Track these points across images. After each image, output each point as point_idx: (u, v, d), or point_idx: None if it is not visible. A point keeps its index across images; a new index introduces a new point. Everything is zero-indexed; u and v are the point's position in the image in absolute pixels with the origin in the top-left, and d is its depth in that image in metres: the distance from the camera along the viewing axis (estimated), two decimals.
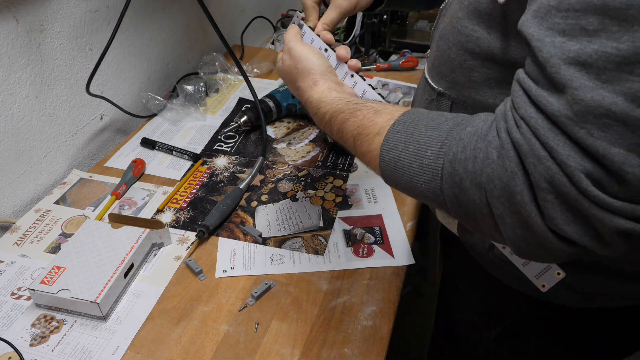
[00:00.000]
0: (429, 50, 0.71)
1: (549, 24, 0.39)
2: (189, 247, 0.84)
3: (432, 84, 0.65)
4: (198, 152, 1.07)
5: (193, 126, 1.16)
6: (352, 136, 0.56)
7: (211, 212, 0.88)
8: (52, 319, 0.73)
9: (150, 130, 1.15)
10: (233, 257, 0.83)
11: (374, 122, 0.53)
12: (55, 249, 0.84)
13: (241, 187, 0.95)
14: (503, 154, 0.41)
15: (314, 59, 0.68)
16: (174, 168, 1.04)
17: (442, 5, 0.69)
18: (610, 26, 0.36)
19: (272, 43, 1.49)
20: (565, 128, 0.38)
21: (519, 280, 0.63)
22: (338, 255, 0.83)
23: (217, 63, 1.32)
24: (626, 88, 0.36)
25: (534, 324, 0.70)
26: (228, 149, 1.08)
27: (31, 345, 0.70)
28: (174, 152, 1.07)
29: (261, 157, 1.03)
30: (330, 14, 0.79)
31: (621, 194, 0.38)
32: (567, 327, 0.68)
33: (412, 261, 0.82)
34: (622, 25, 0.35)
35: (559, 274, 0.61)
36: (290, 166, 1.03)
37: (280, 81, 1.34)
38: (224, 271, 0.81)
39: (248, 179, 0.97)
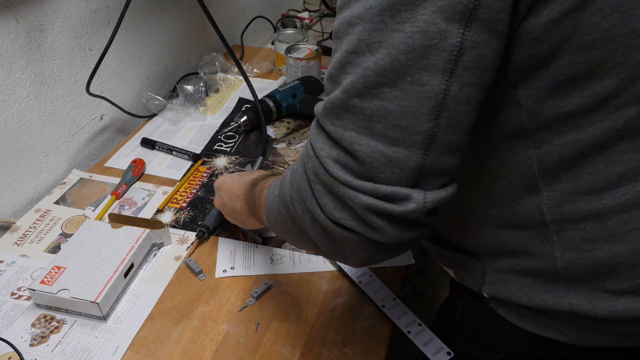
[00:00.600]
0: None
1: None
2: (189, 247, 0.84)
3: None
4: (198, 152, 1.07)
5: (193, 126, 1.16)
6: (261, 201, 0.65)
7: (211, 212, 0.88)
8: (52, 319, 0.73)
9: (150, 130, 1.15)
10: (233, 257, 0.83)
11: (261, 199, 0.64)
12: (55, 249, 0.85)
13: None
14: (297, 164, 0.52)
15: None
16: (174, 168, 1.04)
17: None
18: (336, 43, 0.46)
19: (272, 43, 1.49)
20: (321, 123, 0.47)
21: (519, 315, 0.61)
22: None
23: (217, 63, 1.32)
24: (343, 84, 0.44)
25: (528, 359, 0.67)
26: (228, 149, 1.08)
27: (31, 345, 0.70)
28: (174, 152, 1.07)
29: (261, 157, 1.03)
30: None
31: (365, 173, 0.44)
32: None
33: (412, 261, 0.82)
34: (337, 40, 0.46)
35: (449, 353, 0.69)
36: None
37: (280, 81, 1.34)
38: (224, 271, 0.81)
39: None
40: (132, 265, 0.78)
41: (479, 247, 0.62)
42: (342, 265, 0.80)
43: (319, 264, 0.81)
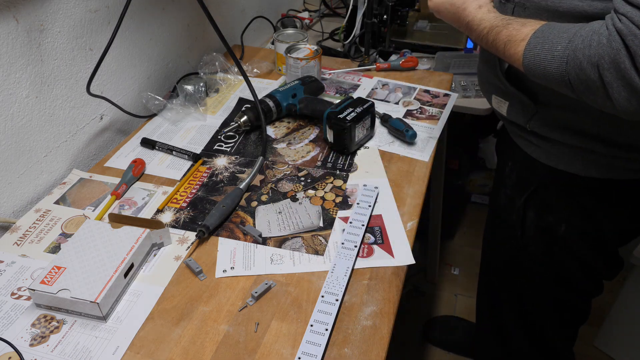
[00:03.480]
0: None
1: None
2: (189, 247, 0.84)
3: None
4: (198, 152, 1.07)
5: (193, 126, 1.16)
6: (503, 43, 0.73)
7: (211, 212, 0.88)
8: (52, 319, 0.73)
9: (150, 130, 1.15)
10: (233, 257, 0.83)
11: (521, 31, 0.71)
12: (55, 249, 0.85)
13: (241, 187, 0.95)
14: (610, 38, 0.60)
15: None
16: (174, 168, 1.04)
17: None
18: None
19: (272, 43, 1.49)
20: None
21: (547, 154, 0.89)
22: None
23: (217, 63, 1.32)
24: None
25: (553, 189, 0.92)
26: (228, 149, 1.08)
27: (31, 345, 0.70)
28: (174, 152, 1.07)
29: (261, 157, 1.03)
30: None
31: None
32: (579, 194, 0.90)
33: (412, 261, 0.82)
34: None
35: None
36: (290, 166, 1.03)
37: (280, 81, 1.35)
38: (224, 271, 0.81)
39: (248, 179, 0.97)
40: (132, 265, 0.78)
41: (541, 94, 0.85)
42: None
43: (319, 264, 0.81)
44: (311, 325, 0.72)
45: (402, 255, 0.83)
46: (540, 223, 0.96)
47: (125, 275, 0.76)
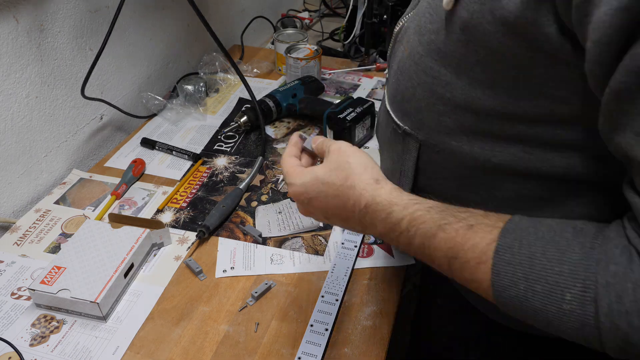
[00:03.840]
0: (386, 72, 0.65)
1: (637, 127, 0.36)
2: (189, 247, 0.84)
3: (396, 119, 0.60)
4: (198, 152, 1.07)
5: (193, 126, 1.16)
6: (446, 258, 0.46)
7: (211, 213, 0.88)
8: (52, 319, 0.73)
9: (150, 130, 1.15)
10: (233, 257, 0.83)
11: (471, 242, 0.44)
12: (55, 249, 0.84)
13: (241, 187, 0.95)
14: None
15: (358, 155, 0.54)
16: (174, 168, 1.04)
17: (396, 28, 0.64)
18: None
19: (272, 43, 1.49)
20: None
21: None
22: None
23: (217, 63, 1.32)
24: None
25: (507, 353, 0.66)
26: (228, 149, 1.08)
27: (31, 345, 0.70)
28: (174, 152, 1.07)
29: (261, 157, 1.03)
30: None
31: None
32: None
33: (412, 261, 0.82)
34: None
35: None
36: None
37: (280, 81, 1.35)
38: (224, 271, 0.81)
39: (248, 179, 0.97)
40: (132, 265, 0.78)
41: None
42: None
43: (319, 264, 0.81)
44: (311, 325, 0.72)
45: (402, 255, 0.83)
46: None
47: (125, 275, 0.76)
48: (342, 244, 0.84)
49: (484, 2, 0.43)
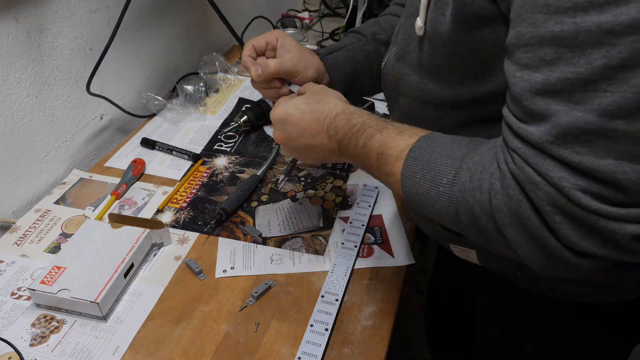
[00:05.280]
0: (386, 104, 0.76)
1: (514, 59, 0.43)
2: (206, 230, 0.84)
3: None
4: (198, 152, 1.07)
5: (193, 126, 1.16)
6: (376, 154, 0.57)
7: (229, 197, 0.91)
8: (52, 319, 0.73)
9: (150, 130, 1.15)
10: (233, 257, 0.83)
11: (397, 142, 0.55)
12: (55, 249, 0.84)
13: (258, 173, 0.97)
14: (505, 184, 0.44)
15: (332, 90, 0.70)
16: (174, 168, 1.04)
17: (382, 64, 0.72)
18: (565, 54, 0.39)
19: None
20: (550, 152, 0.41)
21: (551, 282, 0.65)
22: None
23: (217, 63, 1.32)
24: (596, 105, 0.38)
25: (550, 324, 0.71)
26: (228, 149, 1.08)
27: (31, 345, 0.70)
28: (174, 152, 1.07)
29: (278, 145, 1.01)
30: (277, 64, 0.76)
31: (627, 201, 0.39)
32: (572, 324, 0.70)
33: (412, 261, 0.82)
34: (575, 51, 0.38)
35: None
36: None
37: None
38: (224, 271, 0.81)
39: (265, 166, 1.00)
40: (132, 265, 0.78)
41: None
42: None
43: (319, 264, 0.81)
44: (311, 325, 0.72)
45: (402, 255, 0.83)
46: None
47: (125, 275, 0.76)
48: (342, 243, 0.84)
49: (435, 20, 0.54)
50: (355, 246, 0.83)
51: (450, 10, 0.51)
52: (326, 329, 0.71)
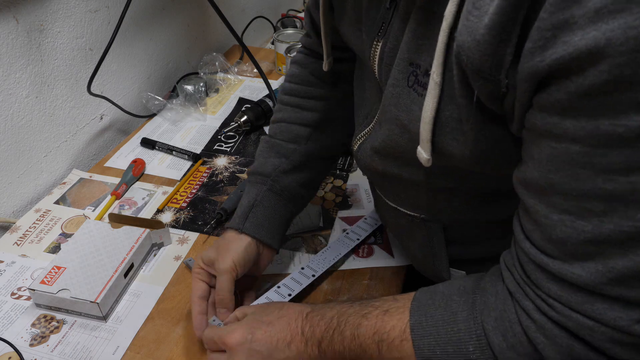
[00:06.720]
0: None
1: (546, 201, 0.40)
2: (208, 229, 0.84)
3: (409, 212, 0.64)
4: (198, 152, 1.07)
5: (193, 126, 1.16)
6: (374, 343, 0.52)
7: (229, 197, 0.91)
8: (52, 319, 0.73)
9: (150, 130, 1.15)
10: None
11: (391, 325, 0.52)
12: (55, 249, 0.84)
13: None
14: (548, 334, 0.43)
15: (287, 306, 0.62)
16: (174, 168, 1.04)
17: (354, 147, 0.67)
18: (619, 207, 0.36)
19: (272, 43, 1.49)
20: (602, 292, 0.39)
21: None
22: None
23: (217, 63, 1.32)
24: None
25: None
26: (228, 149, 1.08)
27: (31, 345, 0.70)
28: (174, 152, 1.07)
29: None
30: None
31: None
32: None
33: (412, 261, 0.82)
34: (630, 206, 0.36)
35: None
36: None
37: (280, 81, 1.34)
38: None
39: None
40: (132, 265, 0.78)
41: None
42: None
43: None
44: (278, 287, 0.72)
45: (402, 255, 0.83)
46: None
47: (125, 275, 0.76)
48: (347, 233, 0.83)
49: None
50: (358, 239, 0.82)
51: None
52: (289, 294, 0.71)
